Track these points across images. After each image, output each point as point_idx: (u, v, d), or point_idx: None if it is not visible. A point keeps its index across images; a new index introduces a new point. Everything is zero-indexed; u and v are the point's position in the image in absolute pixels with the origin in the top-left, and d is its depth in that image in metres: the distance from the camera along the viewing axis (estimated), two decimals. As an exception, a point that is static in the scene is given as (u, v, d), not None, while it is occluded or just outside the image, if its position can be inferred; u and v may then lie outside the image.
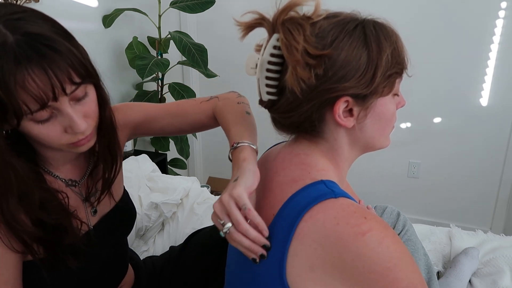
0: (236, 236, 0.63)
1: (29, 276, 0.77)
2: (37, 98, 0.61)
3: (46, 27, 0.64)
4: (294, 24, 0.61)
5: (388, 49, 0.65)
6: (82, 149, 0.73)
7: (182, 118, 0.96)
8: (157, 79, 2.40)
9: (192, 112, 0.96)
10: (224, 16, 2.38)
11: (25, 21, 0.63)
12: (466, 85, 2.28)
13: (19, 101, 0.61)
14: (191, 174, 3.02)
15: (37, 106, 0.62)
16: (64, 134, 0.68)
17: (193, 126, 0.97)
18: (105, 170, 0.85)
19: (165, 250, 1.29)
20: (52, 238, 0.74)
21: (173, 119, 0.95)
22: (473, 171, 2.39)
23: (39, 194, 0.71)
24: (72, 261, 0.77)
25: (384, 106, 0.68)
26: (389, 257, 0.57)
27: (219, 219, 0.65)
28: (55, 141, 0.68)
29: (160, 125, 0.95)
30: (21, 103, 0.61)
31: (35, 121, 0.65)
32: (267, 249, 0.64)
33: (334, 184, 0.66)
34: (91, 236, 0.84)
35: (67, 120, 0.67)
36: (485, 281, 1.23)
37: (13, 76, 0.59)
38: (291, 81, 0.62)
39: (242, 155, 0.73)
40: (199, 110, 0.96)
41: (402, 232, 1.16)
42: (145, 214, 1.46)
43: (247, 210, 0.63)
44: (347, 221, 0.59)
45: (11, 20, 0.62)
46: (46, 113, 0.64)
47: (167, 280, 1.10)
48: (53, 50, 0.62)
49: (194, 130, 1.00)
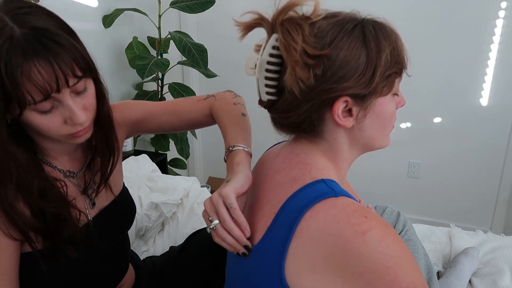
0: (221, 233, 0.68)
1: (27, 270, 0.78)
2: (41, 89, 0.64)
3: (51, 22, 0.67)
4: (292, 24, 0.61)
5: (387, 48, 0.64)
6: (79, 140, 0.76)
7: (179, 116, 0.99)
8: (157, 79, 2.40)
9: (189, 110, 0.99)
10: (224, 16, 2.38)
11: (32, 15, 0.65)
12: (466, 85, 2.28)
13: (24, 91, 0.63)
14: (191, 174, 3.02)
15: (41, 97, 0.65)
16: (63, 125, 0.71)
17: (190, 124, 1.01)
18: (103, 163, 0.87)
19: (165, 250, 1.29)
20: (52, 228, 0.76)
21: (170, 117, 0.98)
22: (473, 171, 2.39)
23: (38, 182, 0.73)
24: (72, 252, 0.79)
25: (383, 106, 0.68)
26: (390, 256, 0.57)
27: (208, 216, 0.69)
28: (55, 131, 0.71)
29: (158, 122, 0.98)
30: (26, 94, 0.64)
31: (37, 111, 0.67)
32: (248, 250, 0.68)
33: (334, 183, 0.66)
34: (90, 228, 0.85)
35: (67, 112, 0.70)
36: (485, 281, 1.23)
37: (20, 68, 0.62)
38: (290, 81, 0.62)
39: (236, 159, 0.78)
40: (196, 108, 0.99)
41: (402, 232, 1.16)
42: (145, 214, 1.46)
43: (232, 209, 0.67)
44: (347, 220, 0.59)
45: (19, 14, 0.65)
46: (48, 104, 0.67)
47: (167, 280, 1.11)
48: (58, 44, 0.65)
49: (191, 128, 1.04)
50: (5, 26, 0.63)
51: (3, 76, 0.62)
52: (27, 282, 0.79)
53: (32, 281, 0.80)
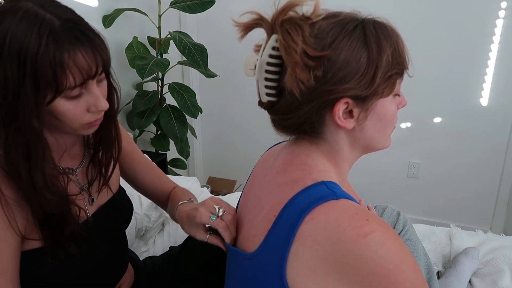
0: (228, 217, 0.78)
1: (28, 268, 0.78)
2: (84, 73, 0.69)
3: (76, 15, 0.72)
4: (292, 25, 0.61)
5: (389, 49, 0.64)
6: (92, 130, 0.80)
7: (153, 178, 1.09)
8: (157, 79, 2.39)
9: (160, 175, 1.12)
10: (224, 16, 2.37)
11: (60, 8, 0.70)
12: (466, 85, 2.27)
13: (69, 73, 0.67)
14: (191, 174, 3.02)
15: (81, 80, 0.69)
16: (86, 113, 0.75)
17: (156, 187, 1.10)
18: (107, 157, 0.89)
19: (165, 250, 1.28)
20: (54, 221, 0.76)
21: (149, 171, 1.09)
22: (473, 171, 2.39)
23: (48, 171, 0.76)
24: (73, 248, 0.79)
25: (384, 107, 0.68)
26: (391, 258, 0.57)
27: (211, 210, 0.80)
28: (78, 119, 0.74)
29: (135, 167, 1.06)
30: (69, 76, 0.67)
31: (67, 98, 0.71)
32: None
33: (335, 185, 0.66)
34: (90, 224, 0.86)
35: (92, 99, 0.74)
36: (485, 281, 1.23)
37: (67, 52, 0.67)
38: (290, 83, 0.62)
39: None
40: (166, 179, 1.12)
41: (402, 232, 1.16)
42: (145, 215, 1.46)
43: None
44: (348, 223, 0.58)
45: (50, 7, 0.69)
46: (78, 90, 0.71)
47: (167, 281, 1.10)
48: (94, 34, 0.71)
49: (149, 195, 1.13)
50: (44, 17, 0.66)
51: (49, 60, 0.65)
52: (28, 281, 0.79)
53: (33, 279, 0.80)
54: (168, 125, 2.29)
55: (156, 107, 2.31)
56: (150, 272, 1.12)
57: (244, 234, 0.75)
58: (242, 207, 0.82)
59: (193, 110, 2.27)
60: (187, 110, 2.27)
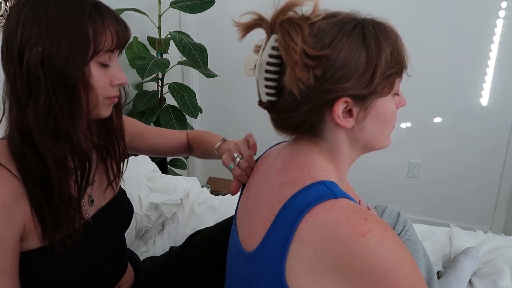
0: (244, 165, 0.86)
1: (27, 268, 0.78)
2: (115, 40, 0.76)
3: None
4: (292, 25, 0.61)
5: (388, 48, 0.64)
6: (109, 109, 0.83)
7: (167, 139, 1.17)
8: (157, 79, 2.40)
9: (174, 135, 1.19)
10: (224, 16, 2.37)
11: None
12: (466, 85, 2.27)
13: (107, 34, 0.75)
14: (191, 174, 3.02)
15: (113, 46, 0.76)
16: (109, 86, 0.79)
17: (178, 148, 1.18)
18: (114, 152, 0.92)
19: (165, 250, 1.28)
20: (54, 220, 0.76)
21: (161, 139, 1.16)
22: (473, 171, 2.39)
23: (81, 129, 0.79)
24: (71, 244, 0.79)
25: (384, 107, 0.68)
26: (390, 258, 0.57)
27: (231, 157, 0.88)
28: (103, 90, 0.78)
29: (150, 141, 1.13)
30: (107, 36, 0.75)
31: (99, 63, 0.76)
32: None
33: (334, 185, 0.66)
34: (89, 225, 0.86)
35: (114, 71, 0.79)
36: (485, 281, 1.23)
37: (111, 14, 0.76)
38: (289, 82, 0.62)
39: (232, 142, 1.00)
40: (180, 134, 1.19)
41: (402, 232, 1.16)
42: (145, 215, 1.46)
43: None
44: (347, 222, 0.58)
45: None
46: (107, 57, 0.77)
47: (167, 281, 1.10)
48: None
49: (178, 153, 1.22)
50: None
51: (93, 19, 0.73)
52: (27, 281, 0.79)
53: (32, 280, 0.80)
54: (168, 125, 2.30)
55: (156, 107, 2.32)
56: (150, 272, 1.12)
57: (243, 233, 0.76)
58: (242, 206, 0.82)
59: (193, 110, 2.27)
60: (187, 110, 2.27)
